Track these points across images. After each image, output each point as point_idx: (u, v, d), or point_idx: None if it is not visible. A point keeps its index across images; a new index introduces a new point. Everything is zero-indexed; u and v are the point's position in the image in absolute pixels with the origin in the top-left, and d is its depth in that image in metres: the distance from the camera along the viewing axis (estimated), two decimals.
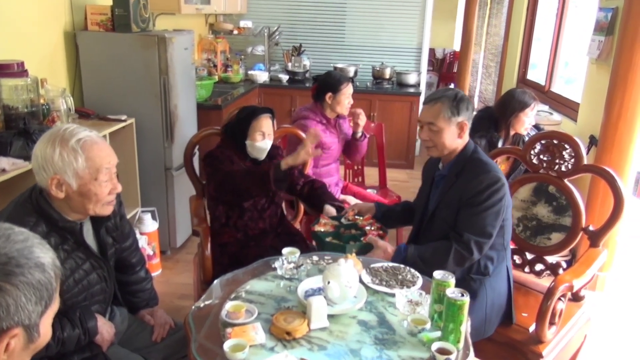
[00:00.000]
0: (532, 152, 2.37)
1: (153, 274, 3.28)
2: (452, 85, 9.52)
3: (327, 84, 3.00)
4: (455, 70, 8.98)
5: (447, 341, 1.41)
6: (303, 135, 2.76)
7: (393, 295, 1.65)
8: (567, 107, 4.01)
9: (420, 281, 1.75)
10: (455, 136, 1.98)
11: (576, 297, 2.29)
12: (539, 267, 2.43)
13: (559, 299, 1.99)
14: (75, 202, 1.47)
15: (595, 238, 2.24)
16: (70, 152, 1.42)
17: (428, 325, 1.48)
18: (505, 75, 5.75)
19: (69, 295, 1.51)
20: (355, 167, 3.62)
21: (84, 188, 1.46)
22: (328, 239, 2.05)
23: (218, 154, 2.31)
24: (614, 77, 2.97)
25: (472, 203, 1.90)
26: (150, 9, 3.73)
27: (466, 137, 2.02)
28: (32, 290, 0.80)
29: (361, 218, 2.20)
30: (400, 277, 1.76)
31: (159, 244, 3.33)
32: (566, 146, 2.28)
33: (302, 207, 2.82)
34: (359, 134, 3.09)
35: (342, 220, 2.19)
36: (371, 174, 3.99)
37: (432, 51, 9.22)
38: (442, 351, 1.36)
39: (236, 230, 2.32)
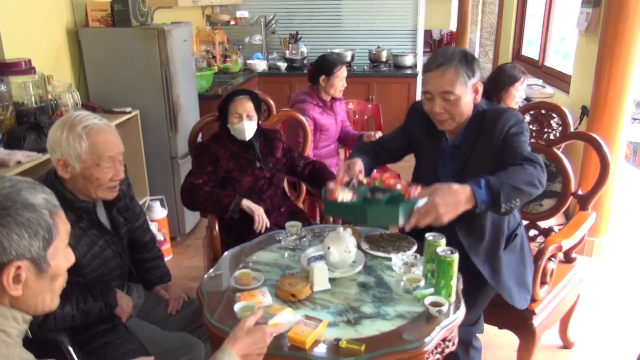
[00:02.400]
0: None
1: (165, 259, 3.40)
2: None
3: (320, 66, 3.11)
4: None
5: (439, 296, 1.52)
6: (302, 118, 2.88)
7: (390, 259, 1.76)
8: (560, 80, 4.09)
9: (415, 246, 1.86)
10: (471, 102, 1.77)
11: (568, 259, 2.40)
12: (532, 232, 2.53)
13: (550, 259, 2.09)
14: (79, 183, 1.60)
15: (584, 202, 2.35)
16: (75, 137, 1.54)
17: (422, 283, 1.59)
18: (500, 52, 5.82)
19: (89, 269, 1.64)
20: None
21: (86, 172, 1.57)
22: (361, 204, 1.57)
23: (204, 149, 2.44)
24: (601, 47, 3.06)
25: (509, 138, 1.71)
26: (149, 3, 3.84)
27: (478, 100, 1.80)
28: (23, 228, 0.91)
29: (376, 178, 1.70)
30: (396, 243, 1.88)
31: (168, 231, 3.46)
32: (554, 115, 2.38)
33: (304, 187, 2.93)
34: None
35: (354, 182, 1.72)
36: None
37: (428, 32, 9.24)
38: (435, 304, 1.48)
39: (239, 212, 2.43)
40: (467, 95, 1.74)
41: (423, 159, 1.98)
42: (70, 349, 1.60)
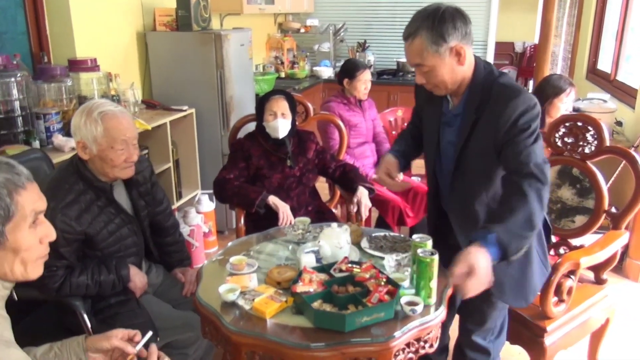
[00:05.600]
0: (556, 134, 2.38)
1: (209, 250, 3.61)
2: (530, 82, 9.17)
3: (344, 70, 3.28)
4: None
5: (418, 296, 1.53)
6: (337, 120, 2.98)
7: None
8: (628, 95, 3.85)
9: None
10: (454, 66, 1.62)
11: (598, 280, 2.28)
12: (562, 250, 2.43)
13: (568, 276, 2.01)
14: (97, 164, 1.77)
15: (617, 220, 2.22)
16: (92, 122, 1.71)
17: (406, 283, 1.61)
18: (576, 66, 5.55)
19: (105, 244, 1.81)
20: None
21: (102, 153, 1.74)
22: (316, 305, 1.47)
23: (238, 146, 2.58)
24: None
25: (512, 138, 1.58)
26: (217, 11, 4.10)
27: (469, 61, 1.65)
28: None
29: (359, 267, 1.64)
30: (396, 244, 1.90)
31: (215, 224, 3.65)
32: (589, 128, 2.28)
33: (337, 190, 2.99)
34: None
35: (332, 271, 1.65)
36: (418, 162, 4.05)
37: (510, 45, 8.97)
38: (410, 303, 1.49)
39: (265, 207, 2.54)
40: (444, 62, 1.59)
41: (425, 129, 1.89)
42: (85, 314, 1.78)
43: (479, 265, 1.43)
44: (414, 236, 1.63)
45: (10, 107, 2.46)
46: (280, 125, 2.49)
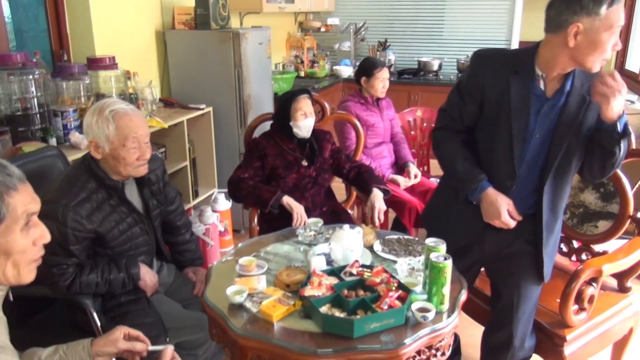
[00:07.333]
0: None
1: (225, 249, 3.59)
2: None
3: (362, 68, 3.22)
4: None
5: (431, 302, 1.49)
6: (354, 120, 2.94)
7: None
8: None
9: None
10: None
11: (621, 287, 2.20)
12: (585, 256, 2.35)
13: (589, 283, 1.94)
14: (110, 163, 1.76)
15: None
16: (104, 121, 1.70)
17: (418, 289, 1.56)
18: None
19: (116, 243, 1.81)
20: (421, 154, 3.67)
21: (114, 152, 1.73)
22: (324, 309, 1.46)
23: (253, 146, 2.54)
24: None
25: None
26: (237, 9, 4.09)
27: None
28: None
29: (369, 271, 1.61)
30: (410, 248, 1.85)
31: (231, 223, 3.64)
32: None
33: (354, 190, 2.95)
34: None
35: (342, 275, 1.61)
36: (436, 162, 3.99)
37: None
38: (422, 310, 1.45)
39: (279, 207, 2.51)
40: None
41: (510, 118, 1.71)
42: (94, 312, 1.78)
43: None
44: (428, 240, 1.59)
45: (28, 104, 2.48)
46: (311, 124, 2.49)
